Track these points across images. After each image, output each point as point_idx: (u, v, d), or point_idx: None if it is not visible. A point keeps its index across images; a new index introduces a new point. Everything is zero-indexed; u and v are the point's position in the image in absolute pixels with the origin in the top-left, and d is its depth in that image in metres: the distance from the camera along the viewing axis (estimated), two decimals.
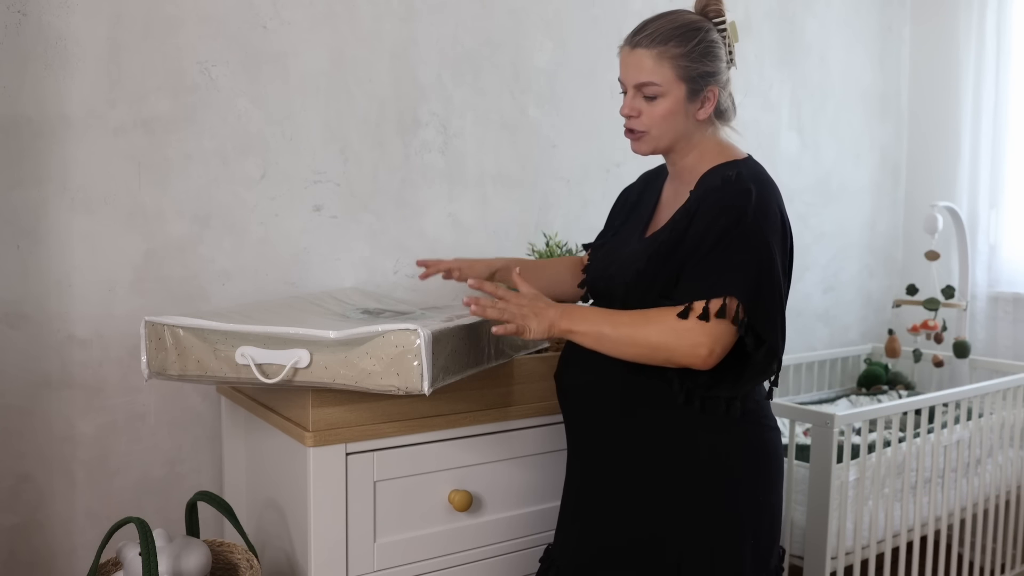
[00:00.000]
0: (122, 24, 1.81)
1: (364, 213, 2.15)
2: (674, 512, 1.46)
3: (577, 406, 1.58)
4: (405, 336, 1.38)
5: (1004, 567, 2.89)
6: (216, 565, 1.63)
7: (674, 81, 1.45)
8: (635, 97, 1.48)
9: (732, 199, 1.41)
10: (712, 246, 1.39)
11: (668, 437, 1.47)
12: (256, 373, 1.44)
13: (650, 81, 1.45)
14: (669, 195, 1.59)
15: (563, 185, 2.49)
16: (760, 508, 1.50)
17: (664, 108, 1.46)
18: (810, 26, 3.17)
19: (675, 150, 1.53)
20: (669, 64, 1.44)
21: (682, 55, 1.44)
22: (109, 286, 1.83)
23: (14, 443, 1.75)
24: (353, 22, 2.10)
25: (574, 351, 1.55)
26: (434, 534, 1.66)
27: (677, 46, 1.44)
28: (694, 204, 1.45)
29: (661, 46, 1.44)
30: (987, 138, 3.32)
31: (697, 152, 1.52)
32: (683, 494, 1.46)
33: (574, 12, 2.49)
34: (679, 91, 1.46)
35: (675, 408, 1.46)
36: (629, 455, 1.50)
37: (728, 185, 1.43)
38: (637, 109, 1.48)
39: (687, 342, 1.36)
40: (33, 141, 1.74)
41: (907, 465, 2.42)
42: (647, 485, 1.48)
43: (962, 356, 3.11)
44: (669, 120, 1.47)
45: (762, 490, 1.50)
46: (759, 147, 3.02)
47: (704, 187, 1.46)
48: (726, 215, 1.39)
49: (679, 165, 1.55)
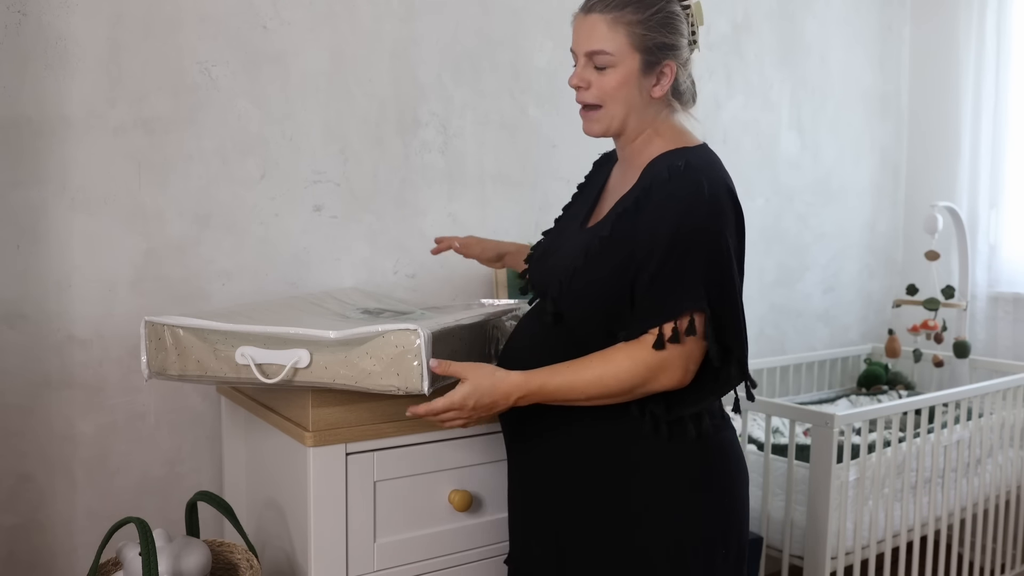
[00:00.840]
0: (122, 24, 1.81)
1: (364, 213, 2.15)
2: (646, 526, 1.37)
3: (516, 423, 1.49)
4: (405, 336, 1.38)
5: (1004, 567, 2.89)
6: (216, 565, 1.63)
7: (628, 50, 1.34)
8: (586, 67, 1.38)
9: (683, 194, 1.30)
10: (667, 253, 1.29)
11: (612, 452, 1.38)
12: (256, 373, 1.44)
13: (602, 49, 1.34)
14: (616, 181, 1.48)
15: (563, 185, 2.49)
16: (727, 514, 1.41)
17: (616, 79, 1.35)
18: (810, 26, 3.17)
19: (626, 131, 1.41)
20: (624, 31, 1.34)
21: (638, 22, 1.34)
22: (109, 286, 1.83)
23: (14, 443, 1.75)
24: (353, 22, 2.10)
25: (514, 356, 1.46)
26: (434, 534, 1.66)
27: (634, 13, 1.34)
28: (640, 195, 1.34)
29: (617, 11, 1.34)
30: (987, 138, 3.32)
31: (648, 135, 1.41)
32: (651, 506, 1.37)
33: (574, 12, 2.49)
34: (633, 62, 1.35)
35: (618, 420, 1.36)
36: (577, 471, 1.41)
37: (676, 178, 1.31)
38: (587, 80, 1.38)
39: (663, 373, 1.30)
40: (33, 141, 1.74)
41: (907, 465, 2.42)
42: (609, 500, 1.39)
43: (962, 356, 3.11)
44: (621, 92, 1.36)
45: (728, 496, 1.41)
46: (759, 147, 3.04)
47: (651, 177, 1.34)
48: (678, 215, 1.29)
49: (628, 149, 1.44)
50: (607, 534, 1.39)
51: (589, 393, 1.32)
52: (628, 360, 1.30)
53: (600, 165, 1.60)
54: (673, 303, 1.29)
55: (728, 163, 1.56)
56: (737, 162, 2.99)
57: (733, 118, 2.95)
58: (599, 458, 1.40)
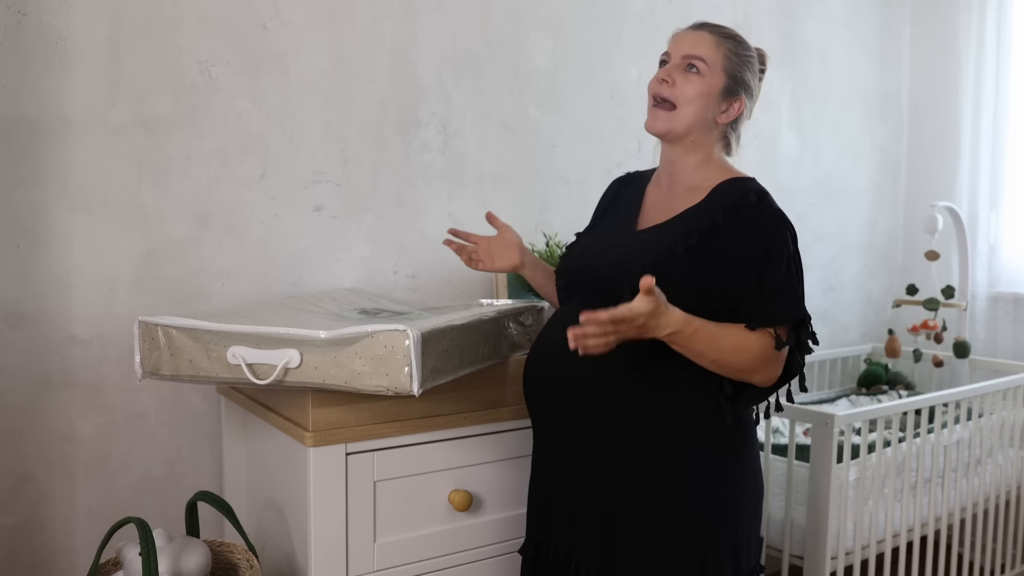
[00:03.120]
0: (122, 24, 1.81)
1: (364, 213, 2.15)
2: (690, 495, 1.46)
3: (564, 408, 1.52)
4: (394, 337, 1.38)
5: (1004, 567, 2.89)
6: (216, 565, 1.63)
7: (720, 69, 1.50)
8: (677, 68, 1.51)
9: (775, 219, 1.46)
10: (767, 264, 1.42)
11: (676, 428, 1.47)
12: (247, 373, 1.44)
13: (701, 56, 1.49)
14: (660, 195, 1.58)
15: (563, 185, 2.50)
16: (755, 495, 1.54)
17: (701, 86, 1.49)
18: (810, 26, 3.17)
19: (684, 142, 1.53)
20: (724, 52, 1.50)
21: (735, 53, 1.52)
22: (109, 286, 1.83)
23: (14, 443, 1.75)
24: (353, 22, 2.10)
25: (556, 351, 1.50)
26: (434, 534, 1.66)
27: (734, 45, 1.52)
28: (728, 212, 1.45)
29: (721, 37, 1.52)
30: (987, 138, 3.32)
31: (703, 156, 1.54)
32: (692, 476, 1.46)
33: (574, 12, 2.49)
34: (719, 80, 1.50)
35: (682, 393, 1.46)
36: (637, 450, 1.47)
37: (764, 203, 1.46)
38: (674, 78, 1.50)
39: (770, 368, 1.43)
40: (33, 141, 1.74)
41: (907, 465, 2.42)
42: (653, 466, 1.46)
43: (962, 356, 3.11)
44: (700, 101, 1.50)
45: (756, 477, 1.55)
46: (759, 147, 3.04)
47: (733, 198, 1.46)
48: (777, 235, 1.45)
49: (680, 163, 1.55)
50: (661, 511, 1.46)
51: (721, 355, 1.39)
52: (758, 344, 1.41)
53: (624, 184, 1.70)
54: (781, 310, 1.43)
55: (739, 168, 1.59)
56: (737, 162, 2.99)
57: None
58: (659, 432, 1.46)
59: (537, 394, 1.57)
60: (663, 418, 1.45)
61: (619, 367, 1.44)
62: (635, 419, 1.46)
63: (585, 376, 1.47)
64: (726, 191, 1.49)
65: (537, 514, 1.61)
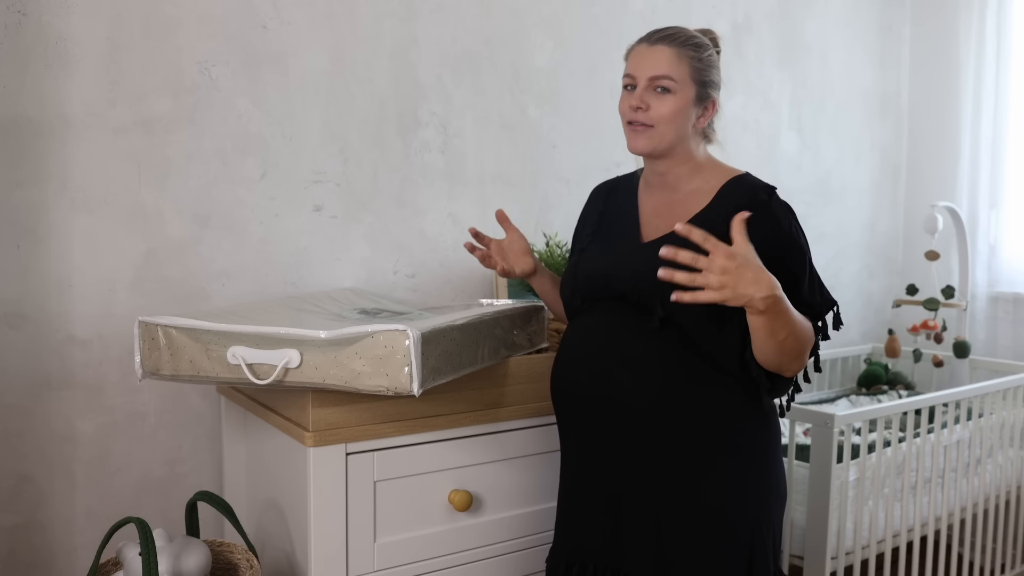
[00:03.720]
0: (122, 24, 1.81)
1: (364, 213, 2.15)
2: (735, 495, 1.48)
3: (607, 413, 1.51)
4: (394, 337, 1.38)
5: (1004, 567, 2.89)
6: (216, 565, 1.63)
7: (688, 80, 1.49)
8: (647, 90, 1.50)
9: (787, 213, 1.50)
10: (790, 259, 1.45)
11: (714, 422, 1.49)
12: (247, 373, 1.44)
13: (668, 75, 1.48)
14: (657, 204, 1.57)
15: (563, 185, 2.49)
16: (784, 493, 1.58)
17: (674, 104, 1.49)
18: (810, 26, 3.17)
19: (671, 155, 1.53)
20: (688, 63, 1.49)
21: (697, 59, 1.50)
22: (109, 286, 1.83)
23: (14, 443, 1.75)
24: (353, 22, 2.10)
25: (591, 355, 1.53)
26: (434, 534, 1.66)
27: (694, 51, 1.50)
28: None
29: (680, 47, 1.50)
30: (987, 138, 3.32)
31: (693, 164, 1.55)
32: (736, 476, 1.49)
33: (574, 12, 2.49)
34: (690, 91, 1.50)
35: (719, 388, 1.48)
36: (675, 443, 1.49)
37: (773, 199, 1.49)
38: (647, 102, 1.49)
39: (806, 358, 1.46)
40: (33, 141, 1.74)
41: (907, 465, 2.42)
42: (701, 469, 1.48)
43: (962, 356, 3.11)
44: (676, 118, 1.49)
45: (783, 474, 1.58)
46: (759, 147, 3.04)
47: (743, 198, 1.48)
48: (792, 228, 1.48)
49: (671, 173, 1.55)
50: (705, 516, 1.48)
51: (795, 333, 1.38)
52: (810, 331, 1.45)
53: (609, 192, 1.69)
54: (818, 302, 1.48)
55: (728, 163, 1.58)
56: (737, 162, 2.98)
57: (733, 118, 2.95)
58: (701, 432, 1.48)
59: (569, 401, 1.57)
60: (708, 417, 1.48)
61: (669, 368, 1.47)
62: (685, 421, 1.47)
63: (631, 382, 1.48)
64: (733, 192, 1.51)
65: (576, 525, 1.58)
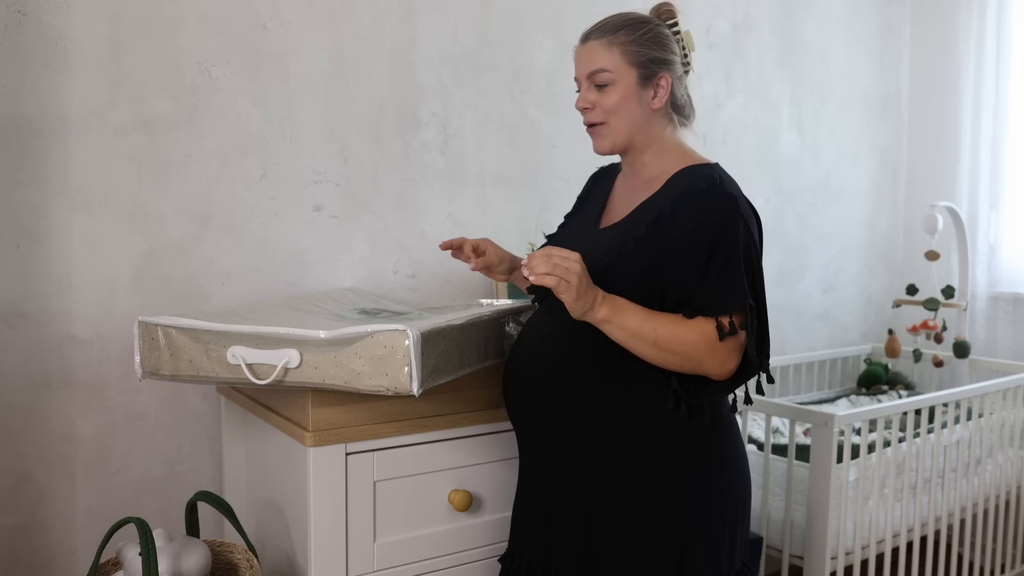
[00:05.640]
0: (122, 24, 1.81)
1: (364, 213, 2.15)
2: (663, 497, 1.43)
3: (534, 413, 1.52)
4: (394, 337, 1.38)
5: (1004, 567, 2.89)
6: (216, 565, 1.63)
7: (624, 66, 1.45)
8: (588, 89, 1.48)
9: (723, 205, 1.40)
10: (711, 253, 1.38)
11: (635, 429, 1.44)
12: (247, 373, 1.44)
13: (600, 68, 1.45)
14: (624, 190, 1.56)
15: (563, 185, 2.49)
16: (737, 495, 1.49)
17: (616, 95, 1.46)
18: (810, 26, 3.17)
19: (634, 145, 1.51)
20: (619, 50, 1.45)
21: (630, 41, 1.46)
22: (109, 286, 1.83)
23: (14, 443, 1.75)
24: (353, 22, 2.10)
25: (526, 356, 1.52)
26: (434, 534, 1.66)
27: (627, 35, 1.46)
28: (675, 202, 1.41)
29: (610, 35, 1.46)
30: (987, 138, 3.32)
31: (657, 148, 1.51)
32: (667, 478, 1.43)
33: (574, 12, 2.49)
34: (630, 76, 1.46)
35: (638, 391, 1.43)
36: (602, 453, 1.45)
37: (713, 189, 1.41)
38: (591, 101, 1.48)
39: (718, 358, 1.38)
40: (33, 141, 1.74)
41: (907, 465, 2.42)
42: (625, 470, 1.44)
43: (962, 356, 3.11)
44: (623, 107, 1.46)
45: (740, 476, 1.50)
46: (759, 147, 3.04)
47: (685, 186, 1.42)
48: (722, 221, 1.38)
49: (638, 161, 1.53)
50: (636, 515, 1.44)
51: (658, 338, 1.36)
52: (700, 334, 1.37)
53: (598, 179, 1.69)
54: (727, 296, 1.38)
55: (728, 163, 1.59)
56: (737, 162, 2.99)
57: (733, 118, 2.95)
58: (623, 434, 1.43)
59: (511, 401, 1.57)
60: (629, 419, 1.43)
61: (580, 369, 1.44)
62: (601, 422, 1.44)
63: (549, 382, 1.47)
64: (678, 180, 1.45)
65: (518, 524, 1.59)
